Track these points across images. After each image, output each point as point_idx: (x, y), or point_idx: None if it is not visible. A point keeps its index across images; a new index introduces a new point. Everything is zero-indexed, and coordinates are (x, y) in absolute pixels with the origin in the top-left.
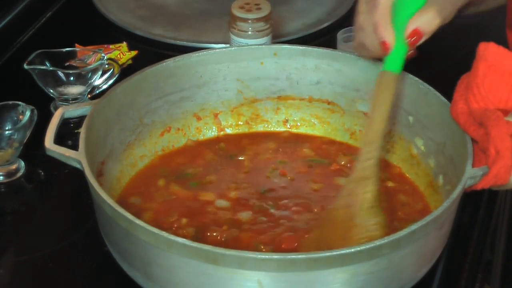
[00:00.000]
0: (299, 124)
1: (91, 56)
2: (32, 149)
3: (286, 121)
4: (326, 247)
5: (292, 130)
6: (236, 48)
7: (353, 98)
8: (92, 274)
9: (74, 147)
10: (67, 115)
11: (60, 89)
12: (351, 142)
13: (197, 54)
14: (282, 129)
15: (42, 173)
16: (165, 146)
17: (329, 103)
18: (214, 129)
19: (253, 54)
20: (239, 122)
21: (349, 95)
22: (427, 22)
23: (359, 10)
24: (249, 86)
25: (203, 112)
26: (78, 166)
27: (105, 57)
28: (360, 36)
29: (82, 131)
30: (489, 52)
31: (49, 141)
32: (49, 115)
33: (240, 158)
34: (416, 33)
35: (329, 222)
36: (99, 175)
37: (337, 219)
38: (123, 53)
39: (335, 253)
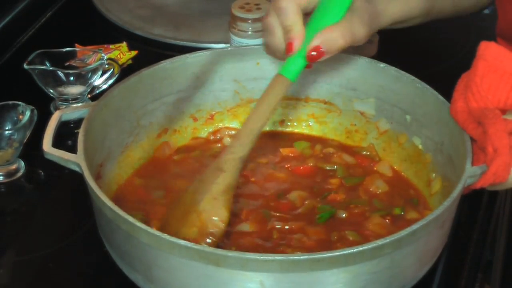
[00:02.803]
0: (295, 124)
1: (91, 56)
2: (32, 149)
3: (283, 121)
4: (169, 227)
5: (289, 130)
6: (232, 48)
7: (350, 97)
8: (92, 274)
9: (74, 147)
10: (64, 118)
11: (60, 89)
12: (348, 142)
13: (193, 55)
14: (279, 129)
15: (42, 173)
16: None
17: (325, 102)
18: (210, 130)
19: (249, 55)
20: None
21: (346, 94)
22: (330, 41)
23: (268, 13)
24: (246, 86)
25: (199, 113)
26: (77, 169)
27: (105, 57)
28: (267, 38)
29: (80, 134)
30: (489, 52)
31: (47, 144)
32: (49, 115)
33: None
34: (317, 49)
35: (178, 202)
36: (97, 177)
37: (182, 200)
38: (123, 53)
39: (337, 253)
